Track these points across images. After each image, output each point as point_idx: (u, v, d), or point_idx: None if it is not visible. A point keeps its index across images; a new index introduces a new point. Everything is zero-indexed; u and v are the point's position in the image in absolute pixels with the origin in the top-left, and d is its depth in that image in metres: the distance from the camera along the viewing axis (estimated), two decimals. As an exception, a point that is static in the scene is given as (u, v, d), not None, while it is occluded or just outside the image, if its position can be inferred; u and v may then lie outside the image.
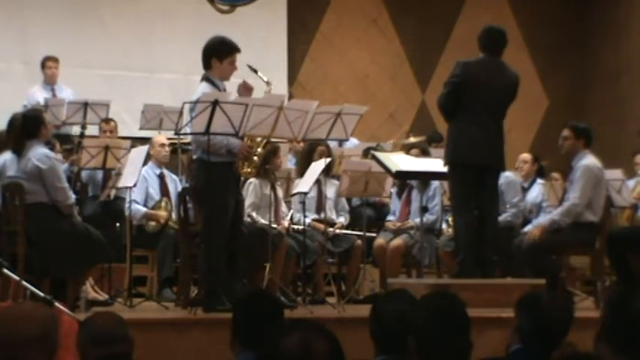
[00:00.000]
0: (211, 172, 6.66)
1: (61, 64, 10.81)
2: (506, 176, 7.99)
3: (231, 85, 6.96)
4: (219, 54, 6.80)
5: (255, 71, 7.00)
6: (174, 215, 8.27)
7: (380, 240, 8.47)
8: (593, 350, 3.16)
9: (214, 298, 6.52)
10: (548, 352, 3.56)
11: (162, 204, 8.44)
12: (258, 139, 6.87)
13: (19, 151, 6.76)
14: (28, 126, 6.83)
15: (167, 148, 8.88)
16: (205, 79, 6.85)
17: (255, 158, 6.85)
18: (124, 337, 3.35)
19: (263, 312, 3.65)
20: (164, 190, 8.62)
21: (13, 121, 7.03)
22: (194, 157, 7.00)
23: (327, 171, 8.26)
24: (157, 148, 8.72)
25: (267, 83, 7.06)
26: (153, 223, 8.33)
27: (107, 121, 9.65)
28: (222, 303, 6.42)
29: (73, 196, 7.00)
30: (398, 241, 8.33)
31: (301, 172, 8.18)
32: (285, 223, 8.01)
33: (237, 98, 6.64)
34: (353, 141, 9.75)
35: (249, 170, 6.89)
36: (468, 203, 7.12)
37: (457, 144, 7.10)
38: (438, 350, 3.09)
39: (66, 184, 6.91)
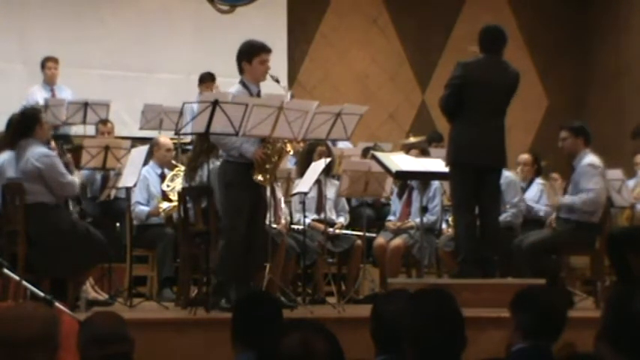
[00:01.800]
0: (228, 171, 6.75)
1: (61, 64, 10.82)
2: (506, 176, 7.99)
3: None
4: (247, 56, 6.86)
5: (278, 81, 7.02)
6: (174, 215, 8.27)
7: (380, 240, 8.46)
8: (593, 350, 3.16)
9: (220, 295, 6.55)
10: (552, 342, 3.63)
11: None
12: (278, 145, 6.80)
13: (15, 149, 6.73)
14: (24, 122, 6.79)
15: (173, 153, 8.87)
16: (239, 82, 6.90)
17: (268, 166, 6.75)
18: (124, 337, 3.35)
19: (263, 312, 3.66)
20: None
21: (11, 120, 7.02)
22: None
23: (327, 171, 8.26)
24: (163, 152, 8.64)
25: (290, 93, 7.07)
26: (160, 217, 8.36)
27: (104, 122, 9.63)
28: (226, 301, 6.46)
29: (77, 184, 6.96)
30: (398, 241, 8.33)
31: (301, 172, 8.18)
32: (283, 222, 8.00)
33: (236, 98, 6.63)
34: (346, 143, 9.72)
35: (260, 178, 6.73)
36: (468, 203, 7.12)
37: (457, 145, 7.11)
38: (431, 348, 3.10)
39: (69, 177, 6.79)
